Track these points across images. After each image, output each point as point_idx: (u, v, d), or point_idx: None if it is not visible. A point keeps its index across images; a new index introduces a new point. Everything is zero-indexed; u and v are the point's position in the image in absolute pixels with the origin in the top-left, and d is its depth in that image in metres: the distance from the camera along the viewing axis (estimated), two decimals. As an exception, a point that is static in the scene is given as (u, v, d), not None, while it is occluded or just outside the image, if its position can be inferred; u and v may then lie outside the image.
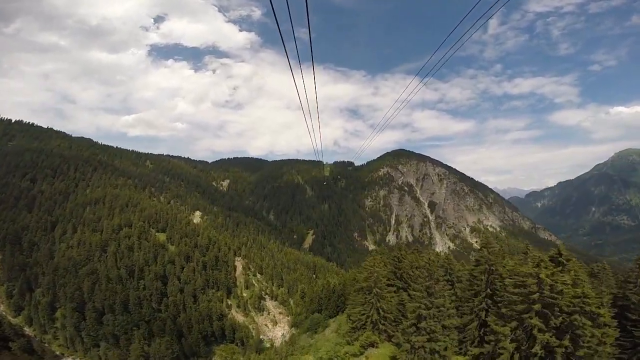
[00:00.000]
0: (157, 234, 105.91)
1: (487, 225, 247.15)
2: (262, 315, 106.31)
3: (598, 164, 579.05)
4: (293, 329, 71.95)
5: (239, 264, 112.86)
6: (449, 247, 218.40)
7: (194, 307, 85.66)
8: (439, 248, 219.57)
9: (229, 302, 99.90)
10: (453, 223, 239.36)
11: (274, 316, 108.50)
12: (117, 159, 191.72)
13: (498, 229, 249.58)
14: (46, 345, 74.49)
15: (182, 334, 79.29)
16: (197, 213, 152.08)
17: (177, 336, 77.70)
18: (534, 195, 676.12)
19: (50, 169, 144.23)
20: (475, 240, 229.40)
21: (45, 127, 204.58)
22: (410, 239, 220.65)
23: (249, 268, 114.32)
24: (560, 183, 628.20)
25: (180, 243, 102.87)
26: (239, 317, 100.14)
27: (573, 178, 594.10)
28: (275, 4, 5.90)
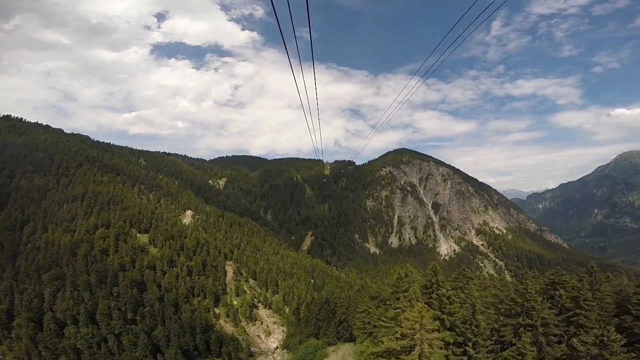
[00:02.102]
0: (138, 235, 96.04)
1: (494, 228, 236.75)
2: (254, 325, 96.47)
3: (600, 166, 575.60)
4: (284, 351, 62.07)
5: (229, 268, 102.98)
6: (454, 250, 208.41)
7: (174, 317, 75.73)
8: (443, 251, 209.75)
9: (217, 311, 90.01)
10: (458, 225, 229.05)
11: (268, 326, 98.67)
12: (107, 155, 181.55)
13: (505, 231, 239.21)
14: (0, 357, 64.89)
15: (159, 348, 69.45)
16: (188, 212, 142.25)
17: (152, 351, 67.84)
18: (535, 196, 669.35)
19: (31, 164, 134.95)
20: (481, 243, 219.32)
21: (35, 122, 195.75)
22: (414, 241, 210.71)
23: (241, 273, 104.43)
24: (562, 185, 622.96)
25: (164, 245, 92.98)
26: (228, 328, 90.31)
27: (573, 180, 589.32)
28: (276, 3, 5.81)
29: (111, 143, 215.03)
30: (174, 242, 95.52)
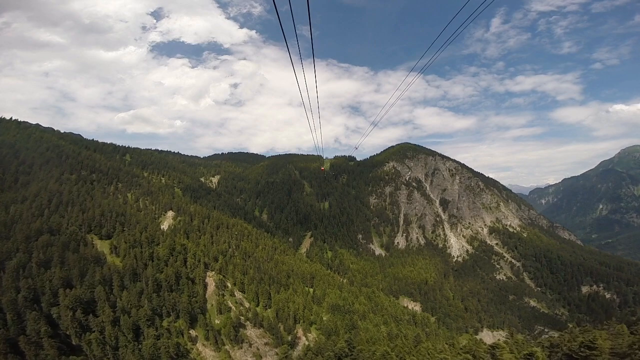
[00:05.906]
0: (98, 242, 79.29)
1: (507, 225, 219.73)
2: (241, 348, 79.77)
3: (604, 161, 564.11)
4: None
5: (211, 280, 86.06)
6: (467, 251, 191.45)
7: (132, 345, 59.08)
8: (455, 252, 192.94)
9: (193, 334, 73.35)
10: (469, 223, 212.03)
11: (258, 348, 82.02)
12: (85, 151, 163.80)
13: (518, 229, 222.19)
14: None
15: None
16: (170, 214, 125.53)
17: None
18: (537, 192, 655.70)
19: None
20: (495, 242, 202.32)
21: (9, 118, 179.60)
22: (422, 241, 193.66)
23: (225, 285, 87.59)
24: (564, 180, 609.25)
25: (128, 255, 76.19)
26: (207, 353, 73.74)
27: (576, 175, 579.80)
28: (277, 1, 5.75)
29: (95, 140, 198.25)
30: (141, 251, 78.69)
